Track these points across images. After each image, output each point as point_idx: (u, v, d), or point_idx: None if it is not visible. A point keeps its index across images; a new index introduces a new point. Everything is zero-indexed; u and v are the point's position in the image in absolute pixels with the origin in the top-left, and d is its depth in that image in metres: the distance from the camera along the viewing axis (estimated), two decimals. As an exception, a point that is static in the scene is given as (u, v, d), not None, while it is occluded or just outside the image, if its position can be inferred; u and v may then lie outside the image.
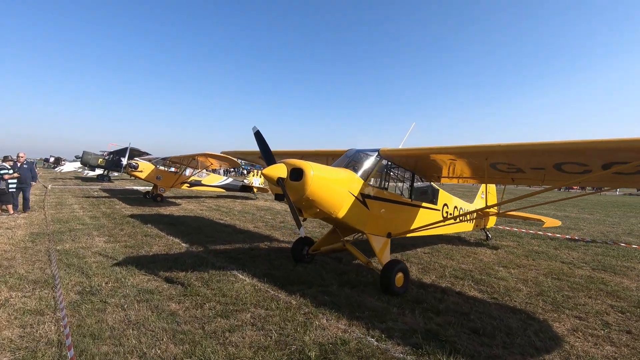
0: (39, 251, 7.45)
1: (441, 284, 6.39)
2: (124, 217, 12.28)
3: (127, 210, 14.38)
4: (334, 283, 6.13)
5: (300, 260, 7.33)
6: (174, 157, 18.70)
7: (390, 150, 6.40)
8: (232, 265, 6.95)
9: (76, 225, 10.45)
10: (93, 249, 7.80)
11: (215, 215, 14.18)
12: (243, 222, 12.71)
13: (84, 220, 11.44)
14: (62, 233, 9.27)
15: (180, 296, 5.25)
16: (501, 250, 9.60)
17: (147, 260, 7.03)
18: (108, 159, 33.88)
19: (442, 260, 8.12)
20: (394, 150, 6.38)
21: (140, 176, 18.44)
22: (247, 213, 15.11)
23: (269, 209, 16.75)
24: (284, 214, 15.30)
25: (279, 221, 13.14)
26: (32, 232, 9.35)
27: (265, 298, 5.31)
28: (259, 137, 6.01)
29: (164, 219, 12.49)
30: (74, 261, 6.73)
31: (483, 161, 5.57)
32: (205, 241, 9.10)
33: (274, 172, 5.26)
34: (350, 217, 5.96)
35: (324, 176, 5.48)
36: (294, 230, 11.42)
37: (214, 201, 19.63)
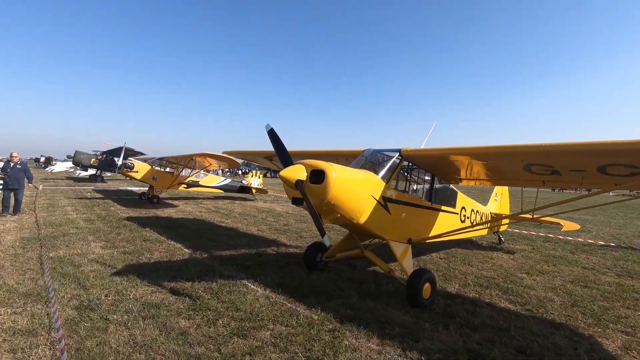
0: (30, 259, 6.88)
1: (468, 294, 5.97)
2: (120, 220, 11.69)
3: (123, 212, 13.78)
4: (353, 294, 5.67)
5: (314, 267, 6.87)
6: (170, 157, 18.11)
7: (414, 151, 5.96)
8: (240, 274, 6.46)
9: (70, 229, 9.85)
10: (89, 255, 7.25)
11: (215, 217, 13.65)
12: (245, 225, 12.19)
13: (78, 223, 10.84)
14: (55, 238, 8.68)
15: (189, 311, 4.75)
16: (518, 254, 9.23)
17: (149, 268, 6.50)
18: (101, 158, 33.08)
19: (461, 267, 7.71)
20: (417, 151, 5.94)
21: (136, 177, 17.81)
22: (248, 215, 14.59)
23: (270, 211, 16.26)
24: (287, 216, 14.82)
25: (282, 224, 12.65)
26: (22, 236, 8.75)
27: (283, 312, 4.83)
28: (273, 135, 5.54)
29: (163, 221, 11.92)
30: (69, 270, 6.18)
31: (518, 163, 5.16)
32: (208, 246, 8.59)
33: (292, 174, 4.79)
34: (372, 222, 5.52)
35: (346, 178, 5.03)
36: (300, 233, 10.95)
37: (213, 202, 19.06)
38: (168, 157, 18.26)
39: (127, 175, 18.06)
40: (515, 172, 5.74)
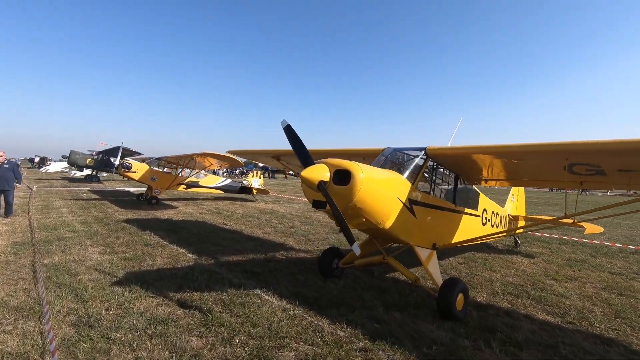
0: (22, 266, 6.35)
1: (500, 304, 5.52)
2: (118, 223, 11.15)
3: (121, 214, 13.23)
4: (377, 304, 5.21)
5: (329, 274, 6.40)
6: (169, 157, 17.57)
7: (442, 149, 5.51)
8: (251, 282, 5.97)
9: (66, 233, 9.31)
10: (87, 262, 6.73)
11: (217, 219, 13.13)
12: (249, 227, 11.70)
13: (74, 226, 10.29)
14: (50, 242, 8.15)
15: (200, 327, 4.27)
16: (538, 258, 8.81)
17: (153, 277, 6.00)
18: (97, 158, 32.41)
19: (484, 272, 7.27)
20: (446, 149, 5.49)
21: (134, 177, 17.25)
22: (250, 217, 14.09)
23: (273, 212, 15.76)
24: (291, 218, 14.33)
25: (287, 226, 12.16)
26: (14, 241, 8.20)
27: (305, 328, 4.36)
28: (290, 132, 5.05)
29: (163, 224, 11.39)
30: (65, 279, 5.66)
31: (560, 162, 4.72)
32: (213, 251, 8.09)
33: (314, 174, 4.32)
34: (397, 226, 5.06)
35: (374, 179, 4.57)
36: (307, 236, 10.47)
37: (213, 203, 18.52)
38: (167, 157, 17.72)
39: (124, 176, 17.50)
40: (553, 173, 5.31)
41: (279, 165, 9.48)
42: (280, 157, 9.09)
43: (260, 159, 10.49)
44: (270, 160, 9.49)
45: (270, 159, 9.33)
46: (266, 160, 10.05)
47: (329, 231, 11.46)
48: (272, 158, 9.21)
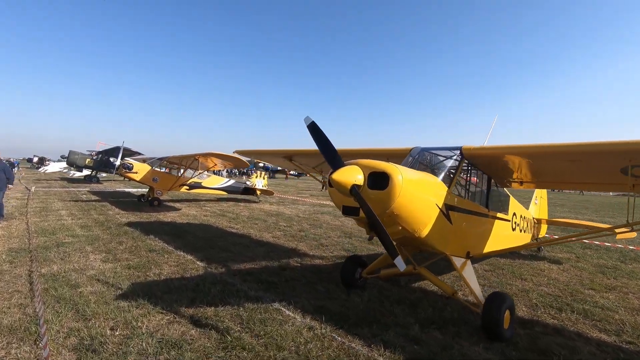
0: (18, 276, 5.83)
1: (544, 319, 5.02)
2: (120, 226, 10.63)
3: (123, 217, 12.70)
4: (411, 321, 4.70)
5: (352, 285, 5.89)
6: (172, 157, 17.03)
7: (480, 149, 5.00)
8: (269, 295, 5.46)
9: (65, 238, 8.79)
10: (88, 271, 6.22)
11: (223, 222, 12.61)
12: (257, 230, 11.18)
13: (74, 230, 9.76)
14: (49, 249, 7.62)
15: (219, 350, 3.76)
16: (565, 264, 8.31)
17: (161, 288, 5.48)
18: (96, 159, 31.86)
19: (514, 281, 6.77)
20: (485, 149, 4.99)
21: (135, 178, 16.72)
22: (257, 219, 13.58)
23: (279, 214, 15.24)
24: (299, 220, 13.82)
25: (296, 229, 11.64)
26: (10, 247, 7.68)
27: (337, 351, 3.85)
28: (315, 130, 4.52)
29: (167, 227, 10.88)
30: (64, 292, 5.15)
31: (618, 163, 4.23)
32: (223, 258, 7.58)
33: (346, 177, 3.81)
34: (434, 234, 4.56)
35: (414, 182, 4.07)
36: (319, 241, 9.97)
37: (216, 205, 18.00)
38: (169, 157, 17.19)
39: (125, 177, 16.98)
40: (605, 175, 4.82)
41: (292, 165, 8.97)
42: (292, 158, 8.59)
43: (270, 160, 9.98)
44: (281, 161, 8.99)
45: (281, 159, 8.83)
46: (277, 161, 9.54)
47: (341, 235, 10.95)
48: (283, 158, 8.71)
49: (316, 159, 8.47)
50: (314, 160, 8.65)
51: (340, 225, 12.93)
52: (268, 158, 9.76)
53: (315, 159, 8.49)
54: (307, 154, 8.24)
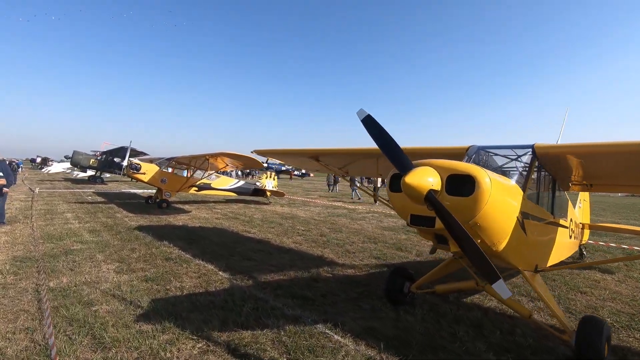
0: (24, 291, 5.19)
1: (635, 346, 4.34)
2: (130, 231, 10.00)
3: (131, 220, 12.07)
4: (482, 348, 4.02)
5: (399, 301, 5.21)
6: (181, 158, 16.40)
7: (558, 148, 4.33)
8: (308, 313, 4.80)
9: (73, 244, 8.15)
10: (102, 285, 5.57)
11: (237, 226, 11.95)
12: (275, 235, 10.52)
13: (82, 235, 9.12)
14: (56, 257, 6.98)
15: (268, 392, 3.10)
16: (619, 274, 7.59)
17: (186, 306, 4.82)
18: (101, 159, 31.32)
19: (574, 296, 6.06)
20: (566, 148, 4.30)
21: (143, 179, 16.11)
22: (272, 222, 12.91)
23: (294, 217, 14.57)
24: (316, 223, 13.14)
25: (316, 234, 10.97)
26: (15, 255, 7.05)
27: (411, 392, 3.18)
28: (373, 124, 3.85)
29: (180, 232, 10.23)
30: (77, 312, 4.50)
31: None
32: (246, 267, 6.92)
33: (421, 180, 3.14)
34: (510, 247, 3.88)
35: (501, 185, 3.41)
36: (344, 246, 9.30)
37: (226, 207, 17.35)
38: (178, 158, 16.56)
39: (133, 177, 16.37)
40: None
41: (319, 166, 8.30)
42: (319, 157, 7.92)
43: (293, 160, 9.32)
44: (306, 161, 8.32)
45: (306, 159, 8.15)
46: (301, 161, 8.87)
47: (365, 240, 10.28)
48: (309, 158, 8.03)
49: (344, 159, 7.83)
50: (341, 160, 8.01)
51: (360, 229, 12.26)
52: (290, 158, 9.10)
53: (342, 158, 7.85)
54: (335, 153, 7.60)
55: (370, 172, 9.46)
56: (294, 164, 10.16)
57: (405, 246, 9.54)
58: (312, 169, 10.54)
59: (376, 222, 14.13)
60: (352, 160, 7.76)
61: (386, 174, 3.99)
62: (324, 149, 7.62)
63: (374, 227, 12.77)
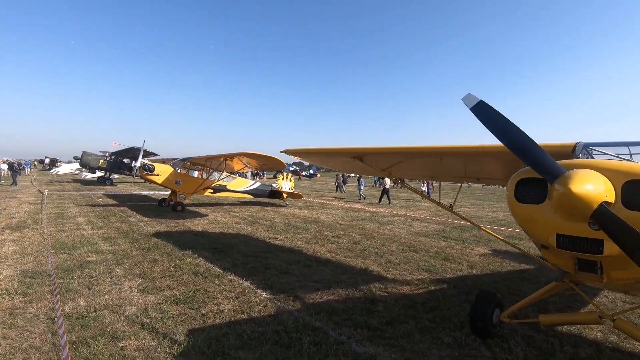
0: (35, 319, 4.33)
1: None
2: (147, 238, 9.15)
3: (147, 225, 11.24)
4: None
5: (487, 332, 4.27)
6: (196, 158, 15.60)
7: None
8: (384, 351, 3.87)
9: (88, 255, 7.31)
10: (125, 309, 4.69)
11: (261, 231, 11.06)
12: (305, 243, 9.61)
13: (96, 244, 8.29)
14: (71, 272, 6.14)
15: None
16: None
17: (232, 340, 3.91)
18: (110, 160, 30.69)
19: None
20: None
21: (157, 180, 15.31)
22: (296, 227, 12.01)
23: (317, 221, 13.65)
24: (343, 228, 12.21)
25: (348, 241, 10.04)
26: (24, 269, 6.22)
27: None
28: (488, 112, 2.92)
29: (202, 240, 9.35)
30: (101, 350, 3.61)
31: None
32: (287, 284, 6.02)
33: (590, 189, 2.20)
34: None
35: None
36: (384, 256, 8.37)
37: (243, 210, 16.51)
38: (193, 158, 15.76)
39: (146, 179, 15.57)
40: None
41: (359, 167, 7.38)
42: (363, 157, 7.00)
43: (329, 160, 8.40)
44: (347, 162, 7.40)
45: (349, 159, 7.22)
46: (341, 161, 7.95)
47: (404, 248, 9.33)
48: (351, 159, 7.11)
49: (389, 159, 6.91)
50: (387, 160, 7.08)
51: (393, 235, 11.31)
52: (328, 158, 8.18)
53: (388, 159, 6.93)
54: (381, 152, 6.67)
55: (422, 174, 8.49)
56: (330, 164, 9.21)
57: (451, 256, 8.59)
58: (348, 170, 9.60)
59: (406, 226, 13.18)
60: (402, 160, 6.85)
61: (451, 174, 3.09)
62: (370, 148, 6.69)
63: (406, 232, 11.82)
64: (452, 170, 6.66)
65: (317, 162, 9.06)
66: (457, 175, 6.95)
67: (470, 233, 12.06)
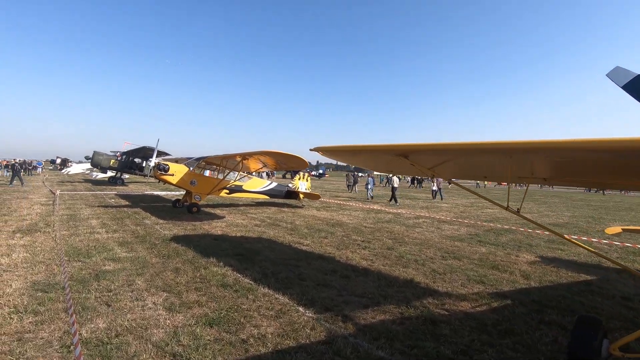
0: (48, 345, 3.65)
1: None
2: (166, 243, 8.51)
3: (164, 228, 10.61)
4: None
5: (592, 365, 3.49)
6: (212, 158, 14.97)
7: None
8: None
9: (104, 263, 6.66)
10: (152, 333, 4.00)
11: (284, 235, 10.35)
12: (335, 248, 8.87)
13: (112, 249, 7.66)
14: (86, 284, 5.48)
15: None
16: None
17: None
18: (121, 159, 30.32)
19: None
20: None
21: (171, 181, 14.70)
22: (320, 231, 11.28)
23: (340, 224, 12.90)
24: (370, 232, 11.45)
25: (380, 246, 9.28)
26: (35, 280, 5.59)
27: None
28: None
29: (224, 245, 8.67)
30: (128, 392, 2.92)
31: None
32: (329, 299, 5.28)
33: None
34: None
35: None
36: (424, 264, 7.60)
37: (260, 211, 15.84)
38: (209, 157, 15.13)
39: (160, 179, 14.96)
40: None
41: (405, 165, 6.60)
42: (409, 155, 6.23)
43: (371, 159, 7.63)
44: (392, 160, 6.62)
45: (393, 157, 6.44)
46: (386, 161, 7.17)
47: (443, 255, 8.54)
48: (396, 156, 6.34)
49: (439, 157, 6.13)
50: (434, 158, 6.29)
51: (425, 239, 10.52)
52: (366, 157, 7.40)
53: (438, 156, 6.15)
54: (430, 150, 5.88)
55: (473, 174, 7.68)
56: (365, 163, 8.44)
57: (498, 264, 7.78)
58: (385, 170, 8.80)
59: (435, 229, 12.36)
60: (452, 158, 6.06)
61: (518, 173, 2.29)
62: (417, 145, 5.91)
63: (438, 236, 11.01)
64: (518, 170, 5.85)
65: (352, 161, 8.24)
66: (523, 175, 6.13)
67: (506, 237, 11.23)
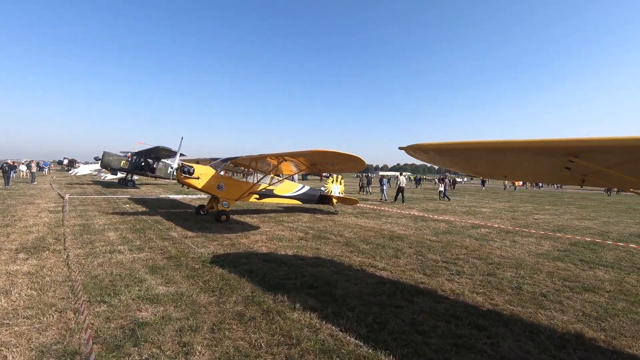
0: None
1: None
2: (208, 268, 6.63)
3: (196, 243, 8.73)
4: None
5: None
6: (241, 159, 13.10)
7: None
8: None
9: (138, 306, 4.77)
10: None
11: (345, 253, 8.41)
12: (422, 274, 6.90)
13: (144, 280, 5.77)
14: (119, 350, 3.59)
15: None
16: None
17: None
18: (132, 160, 28.61)
19: None
20: None
21: (197, 185, 12.81)
22: (382, 247, 9.33)
23: (397, 236, 10.92)
24: (442, 247, 9.47)
25: (478, 272, 7.31)
26: (43, 345, 3.73)
27: None
28: None
29: (281, 270, 6.76)
30: None
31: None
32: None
33: None
34: None
35: None
36: (565, 303, 5.64)
37: (294, 219, 13.93)
38: (239, 158, 13.26)
39: (184, 183, 13.05)
40: None
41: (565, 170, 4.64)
42: (579, 155, 4.25)
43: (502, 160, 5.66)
44: (553, 163, 4.66)
45: (559, 157, 4.49)
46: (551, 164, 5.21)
47: (564, 284, 6.57)
48: (563, 155, 4.37)
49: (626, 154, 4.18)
50: (614, 158, 4.31)
51: (515, 257, 8.53)
52: (495, 157, 5.46)
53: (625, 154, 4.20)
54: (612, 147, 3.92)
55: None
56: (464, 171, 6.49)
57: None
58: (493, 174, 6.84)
59: (510, 242, 10.32)
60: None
61: None
62: (592, 140, 3.95)
63: (524, 253, 8.98)
64: None
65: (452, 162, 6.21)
66: None
67: (605, 254, 9.20)
